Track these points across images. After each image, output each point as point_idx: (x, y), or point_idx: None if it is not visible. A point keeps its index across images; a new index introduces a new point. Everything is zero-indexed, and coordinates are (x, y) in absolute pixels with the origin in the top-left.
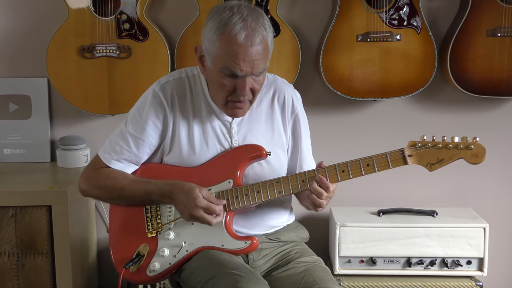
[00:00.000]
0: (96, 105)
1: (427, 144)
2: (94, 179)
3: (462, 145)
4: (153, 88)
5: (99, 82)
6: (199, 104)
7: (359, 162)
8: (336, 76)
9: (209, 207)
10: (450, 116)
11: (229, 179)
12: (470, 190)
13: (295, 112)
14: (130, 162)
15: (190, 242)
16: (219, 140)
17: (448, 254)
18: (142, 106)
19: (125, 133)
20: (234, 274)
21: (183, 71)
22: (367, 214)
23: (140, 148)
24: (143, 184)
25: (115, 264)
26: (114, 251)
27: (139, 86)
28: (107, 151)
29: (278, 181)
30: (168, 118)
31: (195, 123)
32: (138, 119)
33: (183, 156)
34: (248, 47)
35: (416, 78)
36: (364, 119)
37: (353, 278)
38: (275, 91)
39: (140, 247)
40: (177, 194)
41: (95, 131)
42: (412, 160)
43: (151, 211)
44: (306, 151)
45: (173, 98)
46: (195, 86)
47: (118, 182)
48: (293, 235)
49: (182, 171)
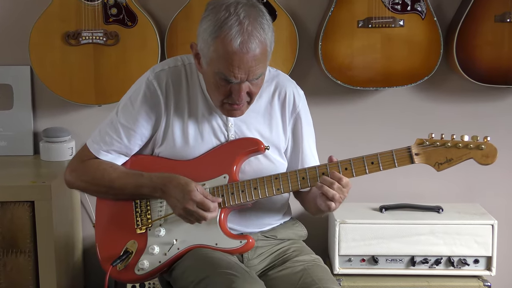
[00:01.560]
0: (81, 95)
1: (436, 142)
2: (81, 171)
3: (473, 144)
4: (147, 77)
5: (85, 71)
6: (195, 95)
7: (363, 159)
8: (335, 64)
9: (204, 202)
10: (456, 106)
11: (225, 174)
12: (477, 185)
13: (297, 111)
14: (120, 153)
15: (181, 239)
16: (214, 133)
17: (454, 253)
18: (135, 95)
19: (116, 123)
20: (229, 274)
21: (179, 58)
22: (368, 210)
23: (131, 139)
24: (134, 177)
25: (102, 262)
26: (100, 247)
27: (127, 74)
28: (96, 141)
29: (276, 177)
30: (162, 109)
31: (190, 114)
32: (130, 109)
33: (176, 149)
34: (243, 54)
35: (420, 66)
36: (365, 109)
37: (354, 278)
38: (276, 87)
39: (128, 243)
40: (171, 188)
41: (81, 122)
42: (420, 159)
43: (140, 206)
44: (308, 152)
45: (168, 87)
46: (192, 76)
47: (108, 174)
48: (291, 232)
49: (174, 164)
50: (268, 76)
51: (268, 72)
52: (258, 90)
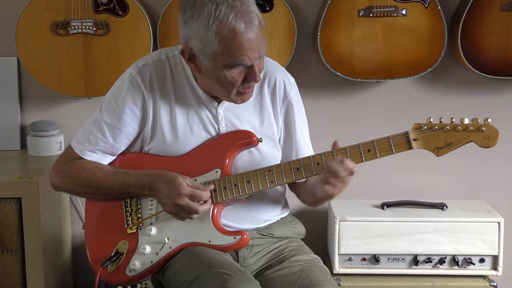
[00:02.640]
0: (71, 87)
1: (434, 126)
2: (67, 172)
3: (473, 127)
4: (129, 72)
5: (74, 62)
6: (182, 88)
7: (359, 147)
8: (335, 55)
9: (195, 193)
10: (461, 99)
11: (217, 168)
12: (483, 181)
13: (288, 98)
14: (106, 153)
15: (173, 238)
16: (204, 126)
17: (459, 251)
18: (118, 92)
19: (100, 121)
20: (222, 273)
21: (163, 51)
22: (369, 207)
23: (117, 138)
24: (120, 175)
25: (92, 263)
26: (90, 248)
27: (119, 66)
28: (80, 141)
29: (270, 169)
30: (148, 105)
31: (177, 108)
32: (114, 107)
33: (166, 145)
34: (251, 35)
35: (423, 57)
36: (366, 102)
37: (354, 278)
38: (265, 75)
39: (118, 244)
40: (159, 185)
41: (70, 115)
42: (418, 144)
43: (130, 205)
44: (302, 141)
45: (152, 82)
46: (176, 68)
47: (93, 175)
48: (288, 230)
49: (164, 161)
50: None
51: None
52: (264, 65)
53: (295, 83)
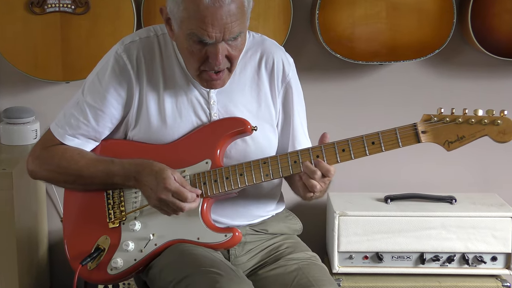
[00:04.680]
0: (47, 71)
1: (445, 118)
2: (45, 159)
3: (487, 119)
4: (115, 50)
5: (51, 43)
6: (171, 68)
7: (363, 139)
8: (334, 36)
9: (180, 192)
10: (471, 83)
11: (207, 159)
12: (495, 172)
13: (287, 80)
14: (89, 138)
15: (159, 234)
16: (195, 111)
17: (469, 249)
18: (103, 72)
19: (82, 103)
20: (212, 273)
21: (151, 29)
22: (371, 200)
23: (100, 121)
24: (104, 164)
25: (70, 260)
26: (69, 244)
27: (99, 47)
28: (60, 125)
29: (265, 161)
30: (134, 86)
31: (166, 91)
32: (97, 87)
33: (152, 130)
34: (216, 9)
35: (430, 37)
36: (368, 87)
37: (355, 278)
38: (262, 55)
39: (99, 239)
40: (145, 176)
41: (47, 101)
42: (427, 137)
43: (113, 197)
44: (299, 127)
45: (140, 61)
46: (166, 47)
47: (75, 162)
48: (283, 226)
49: (150, 149)
50: (251, 42)
51: (251, 38)
52: (239, 54)
53: (294, 64)
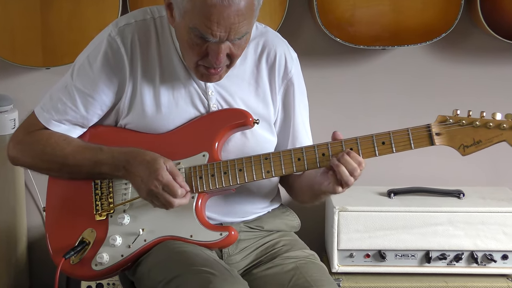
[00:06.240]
0: (26, 56)
1: (461, 120)
2: (28, 144)
3: (506, 124)
4: (108, 32)
5: (30, 26)
6: (168, 55)
7: (373, 139)
8: (334, 18)
9: (170, 185)
10: (480, 69)
11: (204, 151)
12: (506, 165)
13: (288, 76)
14: (76, 124)
15: (149, 229)
16: (192, 101)
17: (478, 247)
18: (94, 55)
19: (70, 87)
20: (204, 272)
21: (148, 10)
22: (374, 195)
23: (89, 108)
24: (92, 152)
25: (52, 254)
26: (51, 236)
27: (82, 31)
28: (46, 109)
29: (267, 157)
30: (127, 72)
31: (161, 78)
32: (88, 71)
33: (145, 120)
34: (224, 8)
35: (436, 20)
36: (369, 73)
37: (356, 277)
38: (264, 47)
39: (85, 232)
40: (136, 165)
41: (25, 88)
42: (441, 140)
43: (101, 188)
44: (300, 127)
45: (134, 45)
46: (163, 32)
47: (60, 149)
48: (280, 222)
49: (143, 138)
50: (254, 33)
51: (254, 29)
52: (241, 53)
53: (297, 59)
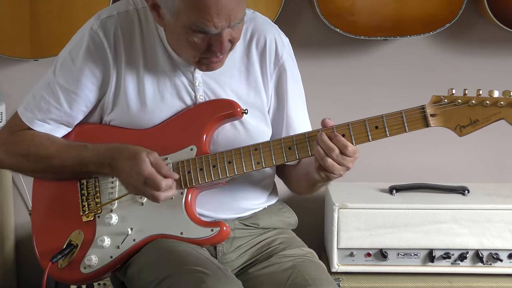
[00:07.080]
0: (13, 47)
1: (457, 100)
2: (12, 145)
3: (504, 101)
4: (90, 25)
5: (18, 17)
6: (152, 47)
7: (365, 123)
8: (333, 8)
9: (152, 178)
10: (485, 60)
11: (192, 145)
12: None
13: (280, 62)
14: (60, 123)
15: (138, 228)
16: (178, 93)
17: (484, 245)
18: (76, 50)
19: (53, 85)
20: (197, 272)
21: (131, 1)
22: (375, 191)
23: (73, 105)
24: (77, 150)
25: (39, 257)
26: (38, 239)
27: (71, 22)
28: (29, 108)
29: (256, 148)
30: (111, 66)
31: (146, 71)
32: (70, 67)
33: (130, 114)
34: None
35: (440, 10)
36: (371, 64)
37: (357, 277)
38: (253, 33)
39: (72, 234)
40: (121, 161)
41: (13, 81)
42: (436, 121)
43: (87, 187)
44: (294, 116)
45: (117, 38)
46: (147, 23)
47: (44, 148)
48: (277, 219)
49: (129, 134)
50: None
51: None
52: (240, 35)
53: (289, 44)
